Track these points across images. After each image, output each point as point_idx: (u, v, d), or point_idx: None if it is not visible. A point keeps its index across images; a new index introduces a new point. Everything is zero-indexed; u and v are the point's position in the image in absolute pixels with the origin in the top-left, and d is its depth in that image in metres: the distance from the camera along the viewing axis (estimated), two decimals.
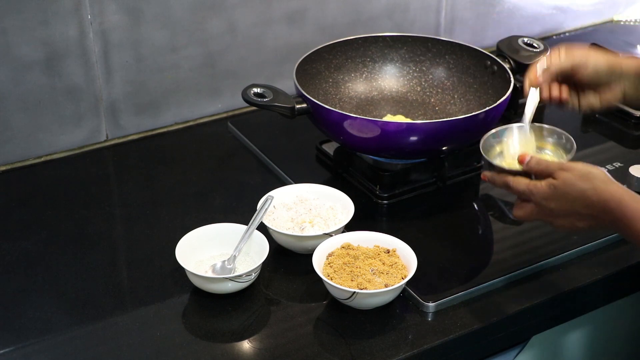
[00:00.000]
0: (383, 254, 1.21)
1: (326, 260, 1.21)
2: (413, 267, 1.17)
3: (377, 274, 1.18)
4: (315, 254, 1.19)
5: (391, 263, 1.19)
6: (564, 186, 1.06)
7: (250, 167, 1.52)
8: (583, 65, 1.20)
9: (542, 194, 1.08)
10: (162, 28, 1.55)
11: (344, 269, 1.18)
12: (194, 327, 1.15)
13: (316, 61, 1.53)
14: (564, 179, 1.06)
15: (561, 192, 1.06)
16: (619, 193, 1.04)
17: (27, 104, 1.48)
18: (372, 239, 1.24)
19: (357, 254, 1.21)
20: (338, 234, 1.25)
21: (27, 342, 1.13)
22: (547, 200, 1.07)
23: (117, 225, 1.39)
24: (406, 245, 1.21)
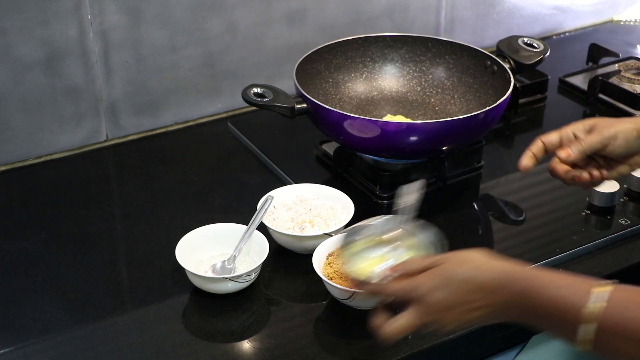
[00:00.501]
0: None
1: (326, 260, 1.21)
2: None
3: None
4: (315, 254, 1.19)
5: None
6: (447, 272, 0.93)
7: (250, 167, 1.52)
8: (613, 139, 1.14)
9: (427, 285, 0.93)
10: (162, 28, 1.55)
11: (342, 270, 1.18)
12: (194, 327, 1.15)
13: (316, 61, 1.53)
14: (445, 265, 0.94)
15: (446, 278, 0.93)
16: (509, 267, 0.93)
17: (27, 104, 1.48)
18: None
19: None
20: (338, 234, 1.25)
21: (27, 342, 1.13)
22: (433, 291, 0.92)
23: (117, 225, 1.39)
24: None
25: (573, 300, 0.88)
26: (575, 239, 1.30)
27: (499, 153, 1.57)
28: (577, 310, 0.87)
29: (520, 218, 1.39)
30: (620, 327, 0.86)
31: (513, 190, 1.47)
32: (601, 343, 0.87)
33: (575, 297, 0.88)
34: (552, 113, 1.70)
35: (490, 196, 1.45)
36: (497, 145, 1.59)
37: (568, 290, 0.89)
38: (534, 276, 0.91)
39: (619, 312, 0.86)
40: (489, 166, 1.49)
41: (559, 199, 1.39)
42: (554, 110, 1.71)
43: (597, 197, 1.36)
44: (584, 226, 1.34)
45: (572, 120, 1.69)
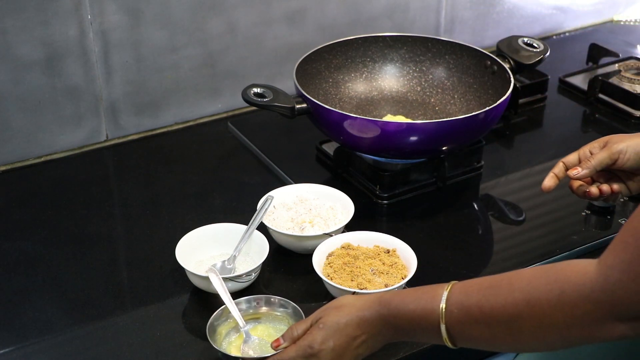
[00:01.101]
0: (383, 254, 1.21)
1: (326, 260, 1.21)
2: (413, 267, 1.17)
3: (377, 274, 1.18)
4: (315, 254, 1.19)
5: (391, 263, 1.19)
6: (331, 321, 0.99)
7: (250, 167, 1.52)
8: (622, 154, 1.19)
9: (319, 339, 0.98)
10: (162, 28, 1.55)
11: (344, 269, 1.18)
12: (194, 327, 1.15)
13: (316, 61, 1.53)
14: (326, 317, 1.00)
15: (332, 326, 0.98)
16: (374, 298, 0.99)
17: (27, 104, 1.48)
18: (372, 239, 1.24)
19: (357, 254, 1.21)
20: (338, 234, 1.25)
21: (27, 342, 1.13)
22: (325, 341, 0.98)
23: (117, 225, 1.38)
24: (406, 245, 1.21)
25: (427, 307, 0.95)
26: (575, 239, 1.30)
27: (499, 153, 1.57)
28: (434, 314, 0.94)
29: (520, 218, 1.39)
30: (464, 315, 0.92)
31: (513, 190, 1.47)
32: (458, 336, 0.94)
33: (428, 304, 0.95)
34: (552, 113, 1.70)
35: (490, 196, 1.45)
36: (497, 145, 1.59)
37: (422, 300, 0.96)
38: (393, 298, 0.98)
39: (460, 301, 0.93)
40: (489, 166, 1.49)
41: (559, 199, 1.38)
42: (554, 110, 1.71)
43: None
44: (584, 226, 1.34)
45: (572, 120, 1.69)
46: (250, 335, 1.09)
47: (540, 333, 0.88)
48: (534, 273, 0.90)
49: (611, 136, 1.23)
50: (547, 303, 0.86)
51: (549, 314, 0.86)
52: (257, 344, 1.09)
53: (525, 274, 0.91)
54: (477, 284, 0.94)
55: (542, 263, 1.25)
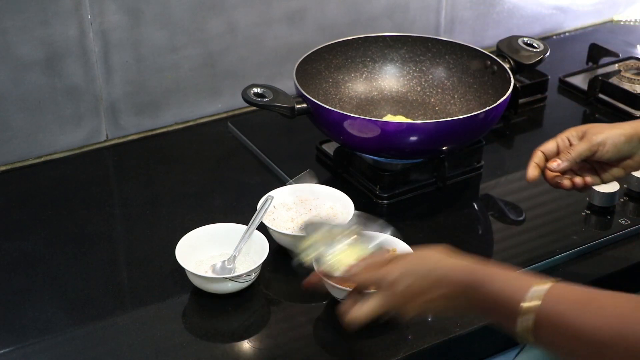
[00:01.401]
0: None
1: None
2: None
3: None
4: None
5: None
6: (411, 264, 0.99)
7: (250, 167, 1.52)
8: (601, 146, 1.18)
9: (394, 275, 0.98)
10: (162, 28, 1.55)
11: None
12: (194, 327, 1.15)
13: (316, 61, 1.53)
14: (409, 258, 1.01)
15: (411, 269, 0.98)
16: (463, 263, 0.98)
17: (27, 104, 1.48)
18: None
19: None
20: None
21: (27, 342, 1.13)
22: (399, 279, 0.98)
23: (117, 225, 1.38)
24: (406, 245, 1.21)
25: (513, 294, 0.92)
26: (575, 239, 1.30)
27: (499, 153, 1.57)
28: (516, 303, 0.91)
29: (520, 218, 1.39)
30: (554, 321, 0.90)
31: (513, 190, 1.47)
32: (540, 336, 0.91)
33: (515, 292, 0.92)
34: (552, 113, 1.70)
35: (490, 196, 1.45)
36: (497, 145, 1.59)
37: (510, 284, 0.93)
38: (480, 270, 0.96)
39: (553, 307, 0.90)
40: (489, 166, 1.49)
41: (559, 199, 1.38)
42: (554, 110, 1.71)
43: (597, 197, 1.36)
44: (584, 226, 1.34)
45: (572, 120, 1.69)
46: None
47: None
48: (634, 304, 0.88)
49: (589, 126, 1.21)
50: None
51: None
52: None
53: (623, 301, 0.89)
54: (575, 293, 0.91)
55: (542, 263, 1.25)
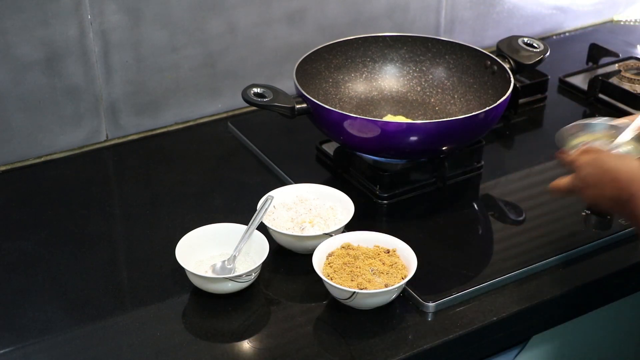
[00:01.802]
0: (383, 254, 1.21)
1: (326, 260, 1.21)
2: (413, 267, 1.17)
3: (377, 273, 1.18)
4: (315, 254, 1.19)
5: (391, 263, 1.19)
6: (599, 159, 1.15)
7: (250, 167, 1.52)
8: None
9: (582, 162, 1.16)
10: (162, 28, 1.55)
11: (344, 269, 1.18)
12: (194, 327, 1.15)
13: (316, 61, 1.53)
14: (605, 154, 1.17)
15: (596, 162, 1.14)
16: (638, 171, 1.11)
17: (27, 104, 1.48)
18: (372, 239, 1.24)
19: (357, 254, 1.20)
20: (338, 234, 1.25)
21: (27, 342, 1.13)
22: (584, 167, 1.15)
23: (117, 225, 1.39)
24: (406, 245, 1.21)
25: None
26: (575, 239, 1.30)
27: (499, 153, 1.57)
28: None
29: (520, 218, 1.39)
30: None
31: (513, 190, 1.47)
32: None
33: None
34: (552, 113, 1.70)
35: (490, 196, 1.45)
36: (497, 145, 1.59)
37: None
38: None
39: None
40: (489, 166, 1.49)
41: (559, 199, 1.38)
42: (554, 110, 1.71)
43: None
44: (584, 226, 1.34)
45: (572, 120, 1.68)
46: None
47: None
48: None
49: None
50: None
51: None
52: None
53: None
54: None
55: (542, 263, 1.25)
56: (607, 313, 1.35)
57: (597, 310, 1.31)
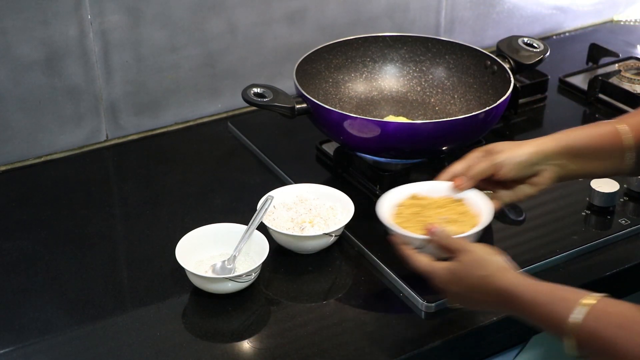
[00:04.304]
0: (452, 203, 1.20)
1: (394, 210, 1.19)
2: (485, 215, 1.15)
3: (449, 222, 1.16)
4: (382, 205, 1.18)
5: (461, 212, 1.18)
6: (461, 271, 1.05)
7: (250, 167, 1.52)
8: (502, 166, 1.18)
9: (441, 278, 1.07)
10: (162, 28, 1.55)
11: (413, 218, 1.17)
12: (194, 327, 1.15)
13: (316, 61, 1.53)
14: (462, 262, 1.05)
15: (458, 277, 1.05)
16: (513, 282, 1.01)
17: (27, 104, 1.48)
18: (440, 188, 1.22)
19: (426, 204, 1.19)
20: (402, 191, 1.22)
21: (27, 342, 1.13)
22: (446, 284, 1.07)
23: (117, 225, 1.39)
24: (477, 192, 1.19)
25: (558, 312, 0.96)
26: (575, 239, 1.30)
27: None
28: (562, 322, 0.95)
29: (520, 218, 1.39)
30: (595, 343, 0.92)
31: None
32: (584, 354, 0.94)
33: (560, 310, 0.95)
34: (552, 113, 1.70)
35: None
36: None
37: (555, 305, 0.97)
38: (527, 292, 0.99)
39: (593, 328, 0.93)
40: None
41: (559, 199, 1.38)
42: (554, 110, 1.71)
43: (597, 197, 1.36)
44: (584, 226, 1.34)
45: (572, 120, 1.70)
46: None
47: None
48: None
49: (494, 145, 1.21)
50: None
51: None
52: None
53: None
54: (621, 311, 0.93)
55: (542, 263, 1.25)
56: None
57: None
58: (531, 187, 1.21)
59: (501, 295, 1.01)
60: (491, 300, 1.03)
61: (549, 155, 1.19)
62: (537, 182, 1.20)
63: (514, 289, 1.00)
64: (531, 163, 1.18)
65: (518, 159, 1.18)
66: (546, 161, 1.19)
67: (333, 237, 1.25)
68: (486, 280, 1.02)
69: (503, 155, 1.19)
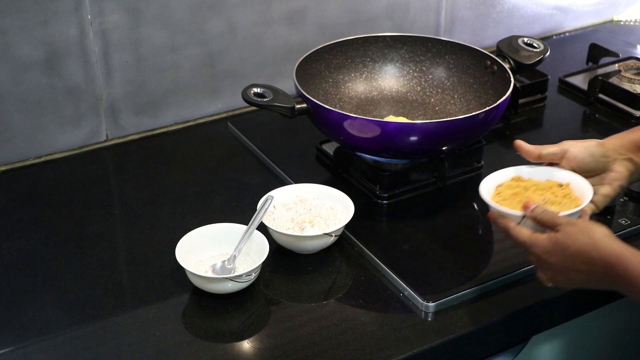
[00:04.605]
0: (555, 187, 1.18)
1: (495, 190, 1.19)
2: (588, 198, 1.13)
3: (549, 203, 1.14)
4: (484, 184, 1.18)
5: (564, 194, 1.16)
6: (565, 240, 1.03)
7: (250, 167, 1.52)
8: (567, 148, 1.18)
9: (543, 248, 1.05)
10: (162, 28, 1.55)
11: (514, 199, 1.16)
12: (194, 327, 1.15)
13: (316, 61, 1.53)
14: (566, 232, 1.04)
15: (561, 246, 1.03)
16: (620, 249, 1.00)
17: (27, 104, 1.48)
18: (544, 173, 1.20)
19: (527, 186, 1.18)
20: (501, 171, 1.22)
21: (27, 342, 1.13)
22: (547, 254, 1.05)
23: (117, 225, 1.39)
24: (581, 178, 1.17)
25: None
26: None
27: (499, 153, 1.57)
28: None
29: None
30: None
31: None
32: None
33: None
34: (552, 113, 1.70)
35: None
36: (497, 145, 1.59)
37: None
38: (633, 261, 0.98)
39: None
40: (489, 166, 1.48)
41: None
42: (554, 110, 1.71)
43: None
44: None
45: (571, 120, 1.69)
46: None
47: None
48: None
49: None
50: None
51: None
52: None
53: None
54: None
55: None
56: (607, 313, 1.35)
57: (597, 310, 1.30)
58: (608, 187, 1.18)
59: (606, 263, 0.99)
60: (593, 271, 1.01)
61: (616, 147, 1.18)
62: (612, 178, 1.17)
63: (619, 255, 0.99)
64: (598, 154, 1.17)
65: (584, 143, 1.18)
66: (614, 154, 1.17)
67: (333, 237, 1.25)
68: (591, 247, 1.01)
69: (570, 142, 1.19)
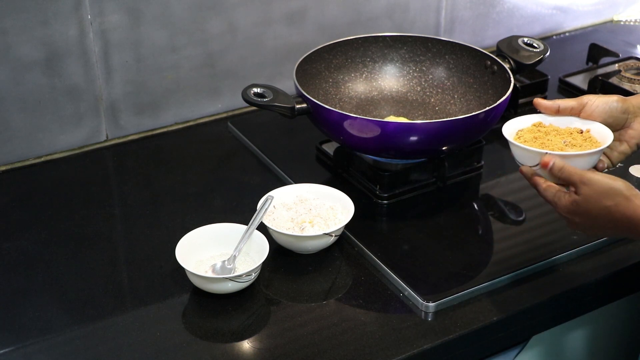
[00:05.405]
0: (576, 133, 1.18)
1: (516, 135, 1.19)
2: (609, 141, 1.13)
3: (569, 145, 1.15)
4: (506, 128, 1.19)
5: (585, 138, 1.17)
6: (586, 203, 1.06)
7: (250, 167, 1.52)
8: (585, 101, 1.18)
9: (565, 209, 1.09)
10: (162, 28, 1.55)
11: (535, 141, 1.16)
12: (194, 327, 1.15)
13: (316, 61, 1.53)
14: (585, 195, 1.06)
15: (583, 209, 1.06)
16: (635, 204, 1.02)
17: (27, 104, 1.48)
18: (565, 120, 1.20)
19: (548, 130, 1.19)
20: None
21: (27, 342, 1.13)
22: (571, 214, 1.08)
23: (117, 225, 1.39)
24: (601, 125, 1.17)
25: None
26: (575, 239, 1.30)
27: (499, 153, 1.57)
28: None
29: (520, 218, 1.39)
30: None
31: (513, 190, 1.47)
32: None
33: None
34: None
35: (490, 196, 1.45)
36: (497, 145, 1.58)
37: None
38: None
39: None
40: (489, 166, 1.49)
41: None
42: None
43: None
44: None
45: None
46: None
47: None
48: None
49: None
50: None
51: None
52: None
53: None
54: None
55: (543, 263, 1.25)
56: (607, 313, 1.35)
57: (597, 310, 1.31)
58: (625, 144, 1.18)
59: (630, 222, 1.02)
60: (618, 227, 1.05)
61: (635, 104, 1.18)
62: (630, 135, 1.18)
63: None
64: (619, 109, 1.17)
65: (605, 98, 1.18)
66: (636, 110, 1.17)
67: (333, 237, 1.25)
68: (612, 209, 1.03)
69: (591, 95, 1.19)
